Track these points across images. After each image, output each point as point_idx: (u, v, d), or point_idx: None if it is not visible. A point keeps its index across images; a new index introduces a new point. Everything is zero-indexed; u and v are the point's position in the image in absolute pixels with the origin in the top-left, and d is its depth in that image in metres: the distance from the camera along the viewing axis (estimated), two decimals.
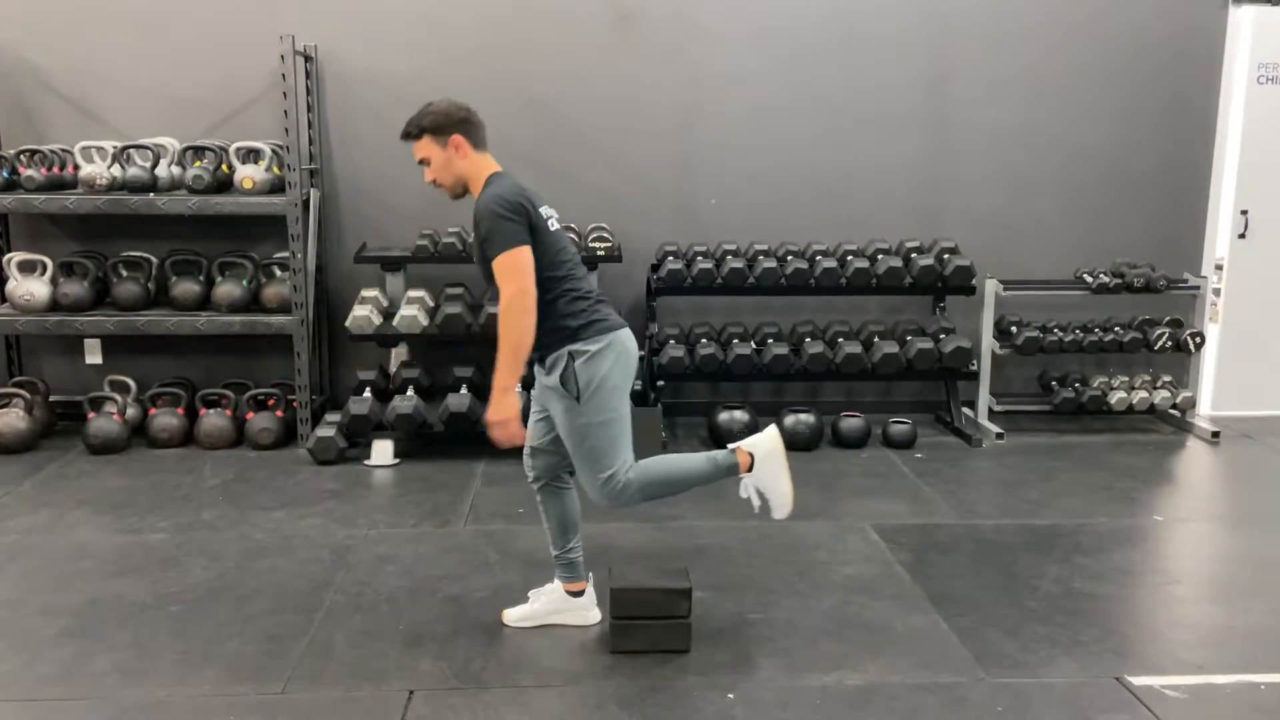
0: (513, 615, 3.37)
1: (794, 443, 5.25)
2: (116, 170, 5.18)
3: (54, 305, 5.27)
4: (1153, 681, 3.03)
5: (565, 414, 3.07)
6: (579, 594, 3.36)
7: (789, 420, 5.32)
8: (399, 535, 4.17)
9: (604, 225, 5.53)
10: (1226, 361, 5.94)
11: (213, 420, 5.30)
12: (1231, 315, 5.91)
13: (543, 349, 3.08)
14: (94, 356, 5.76)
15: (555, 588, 3.37)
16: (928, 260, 5.43)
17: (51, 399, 5.57)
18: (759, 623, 3.40)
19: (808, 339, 5.47)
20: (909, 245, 5.60)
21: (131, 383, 5.49)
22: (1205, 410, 5.92)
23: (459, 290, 5.41)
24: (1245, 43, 5.72)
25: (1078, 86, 5.80)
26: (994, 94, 5.77)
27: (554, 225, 3.08)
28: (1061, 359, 5.84)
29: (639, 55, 5.67)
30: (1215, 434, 5.53)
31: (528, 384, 3.89)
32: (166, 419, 5.32)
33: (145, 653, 3.20)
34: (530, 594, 3.42)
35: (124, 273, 5.39)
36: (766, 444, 3.25)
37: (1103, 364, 5.93)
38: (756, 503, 3.28)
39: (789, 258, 5.47)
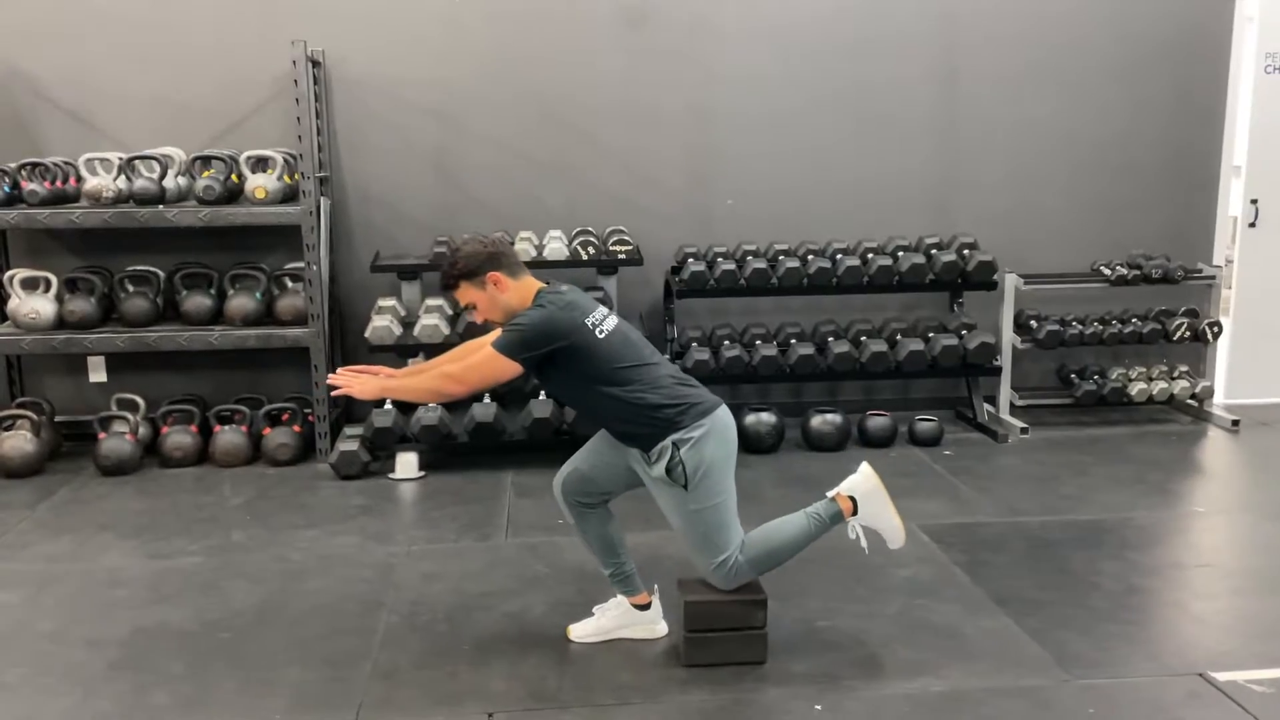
0: (579, 630, 3.30)
1: (822, 444, 5.26)
2: (122, 182, 5.02)
3: (60, 323, 5.10)
4: (1235, 676, 3.01)
5: (674, 502, 3.03)
6: (644, 606, 3.30)
7: (815, 421, 5.28)
8: (441, 551, 4.07)
9: (622, 228, 5.46)
10: (1237, 350, 5.97)
11: (228, 437, 5.17)
12: (1242, 304, 5.95)
13: (644, 440, 3.02)
14: (98, 374, 5.59)
15: (620, 601, 3.30)
16: (950, 256, 5.41)
17: (57, 419, 5.39)
18: (828, 630, 3.35)
19: (831, 338, 5.42)
20: (929, 241, 5.58)
21: (140, 401, 5.34)
22: (1219, 399, 5.95)
23: None
24: (1252, 32, 5.76)
25: (1086, 79, 5.81)
26: (1004, 89, 5.77)
27: (606, 329, 3.02)
28: (1076, 352, 5.84)
29: (652, 56, 5.60)
30: (1235, 422, 5.56)
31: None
32: (180, 437, 5.17)
33: (204, 683, 3.09)
34: (595, 609, 3.34)
35: (130, 288, 5.24)
36: (864, 484, 3.23)
37: (1117, 356, 5.94)
38: (864, 542, 3.25)
39: (810, 257, 5.42)
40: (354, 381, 3.06)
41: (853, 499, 3.21)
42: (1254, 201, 5.91)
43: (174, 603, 3.64)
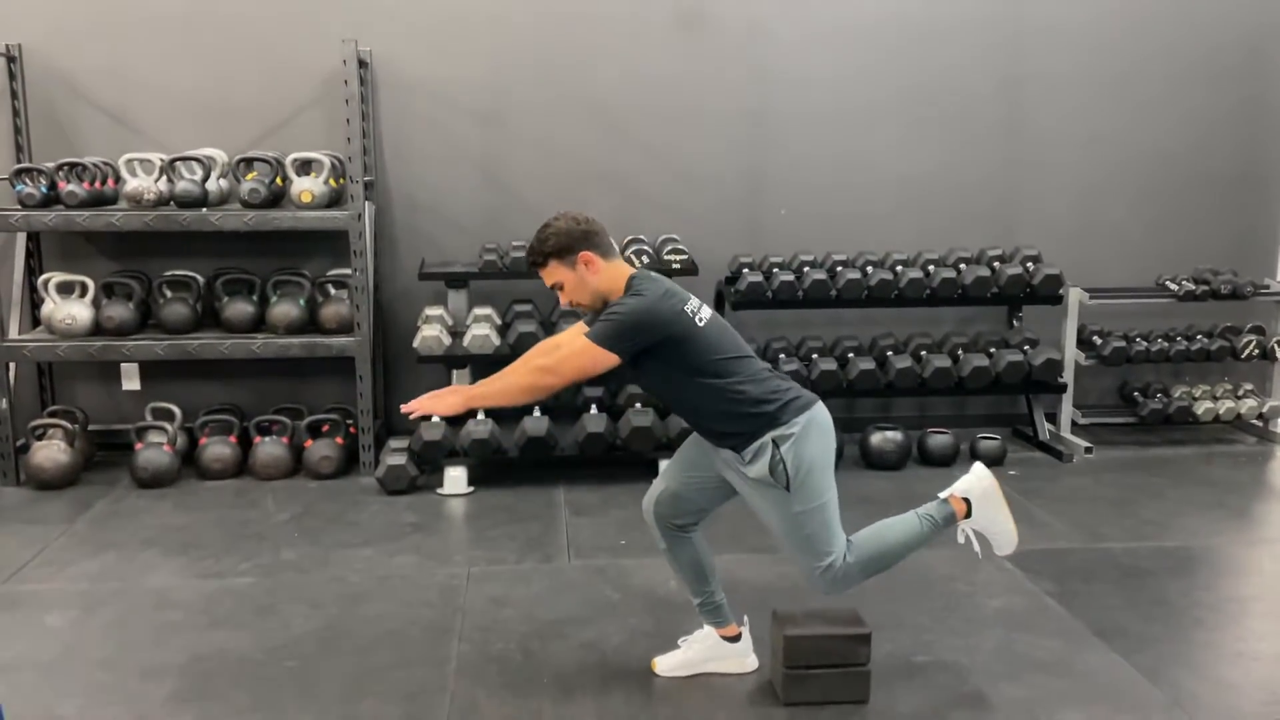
0: (665, 664, 3.12)
1: (882, 462, 5.09)
2: (163, 184, 4.85)
3: (97, 329, 4.92)
4: None
5: (775, 505, 2.83)
6: (734, 639, 3.12)
7: (875, 439, 5.11)
8: (504, 573, 3.89)
9: (675, 236, 5.29)
10: None
11: (268, 449, 4.99)
12: None
13: (738, 439, 2.83)
14: (131, 382, 5.41)
15: (709, 633, 3.12)
16: (1015, 269, 5.25)
17: (89, 429, 5.21)
18: (927, 666, 3.17)
19: (890, 353, 5.25)
20: (991, 254, 5.42)
21: (177, 410, 5.16)
22: None
23: (528, 307, 5.14)
24: None
25: (1150, 88, 5.66)
26: (1066, 98, 5.61)
27: (704, 318, 2.84)
28: (1137, 369, 5.68)
29: (705, 59, 5.43)
30: None
31: None
32: (219, 448, 4.99)
33: (274, 716, 2.91)
34: (681, 641, 3.16)
35: (169, 293, 5.06)
36: (980, 484, 3.07)
37: (1177, 373, 5.78)
38: (977, 546, 3.09)
39: (869, 268, 5.26)
40: (434, 403, 2.86)
41: (967, 500, 3.04)
42: None
43: (230, 627, 3.46)
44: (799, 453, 2.78)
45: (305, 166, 4.95)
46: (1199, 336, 5.49)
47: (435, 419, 4.85)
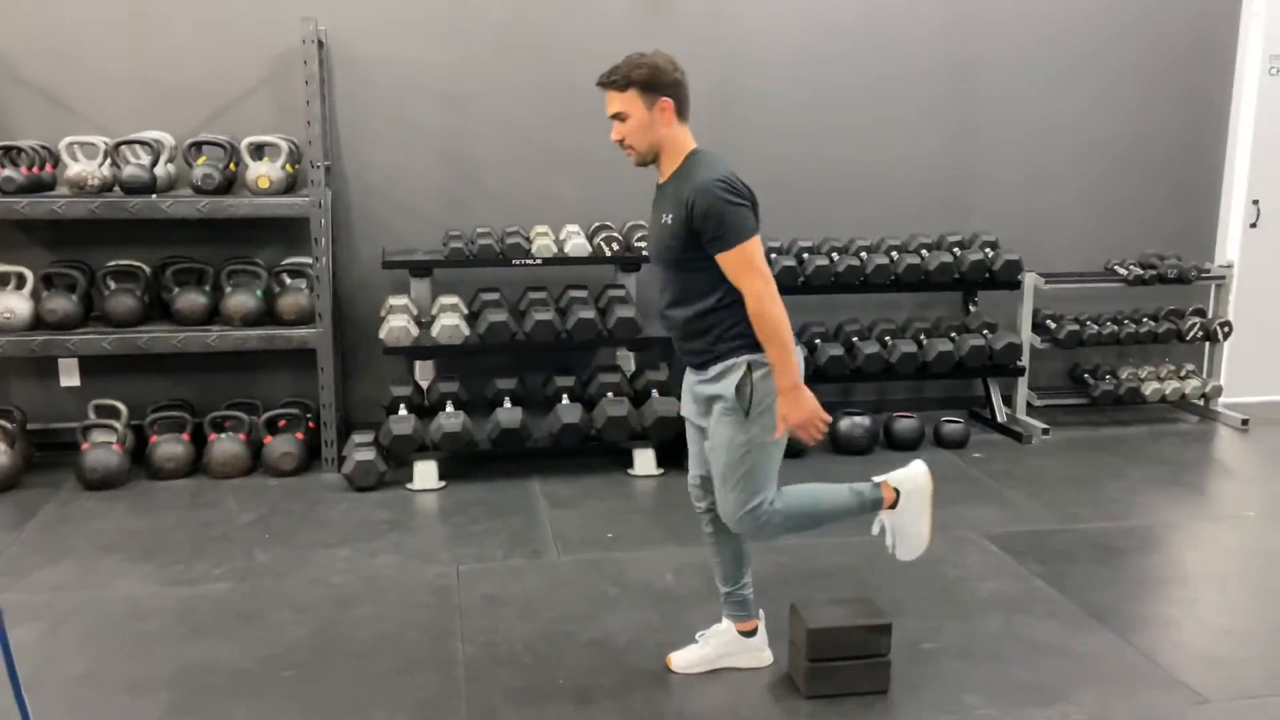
0: (682, 660, 3.08)
1: (851, 447, 5.13)
2: (108, 169, 4.59)
3: (37, 322, 4.65)
4: None
5: (727, 428, 2.76)
6: (751, 633, 3.09)
7: (844, 424, 5.14)
8: (494, 571, 3.79)
9: (644, 224, 5.21)
10: (1237, 349, 6.03)
11: (225, 446, 4.78)
12: (1242, 303, 6.00)
13: (713, 355, 2.78)
14: (70, 378, 5.12)
15: (727, 628, 3.09)
16: (976, 255, 5.33)
17: (27, 428, 4.93)
18: (937, 653, 3.19)
19: (855, 339, 5.29)
20: (951, 239, 5.49)
21: (123, 407, 4.90)
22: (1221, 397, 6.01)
23: (495, 295, 5.02)
24: (1258, 34, 5.80)
25: (1096, 78, 5.78)
26: (1018, 86, 5.69)
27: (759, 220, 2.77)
28: (1085, 351, 5.82)
29: (671, 43, 5.28)
30: (1245, 421, 5.61)
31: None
32: (171, 447, 4.76)
33: None
34: (698, 636, 3.12)
35: (113, 284, 4.80)
36: (915, 480, 3.03)
37: (1122, 355, 5.95)
38: (890, 540, 3.06)
39: (835, 255, 5.28)
40: (814, 429, 2.73)
41: (898, 492, 3.00)
42: (1255, 202, 5.97)
43: (215, 636, 3.30)
44: (769, 386, 2.73)
45: (260, 150, 4.74)
46: (1145, 319, 5.66)
47: (403, 411, 4.71)
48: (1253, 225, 5.99)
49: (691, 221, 2.67)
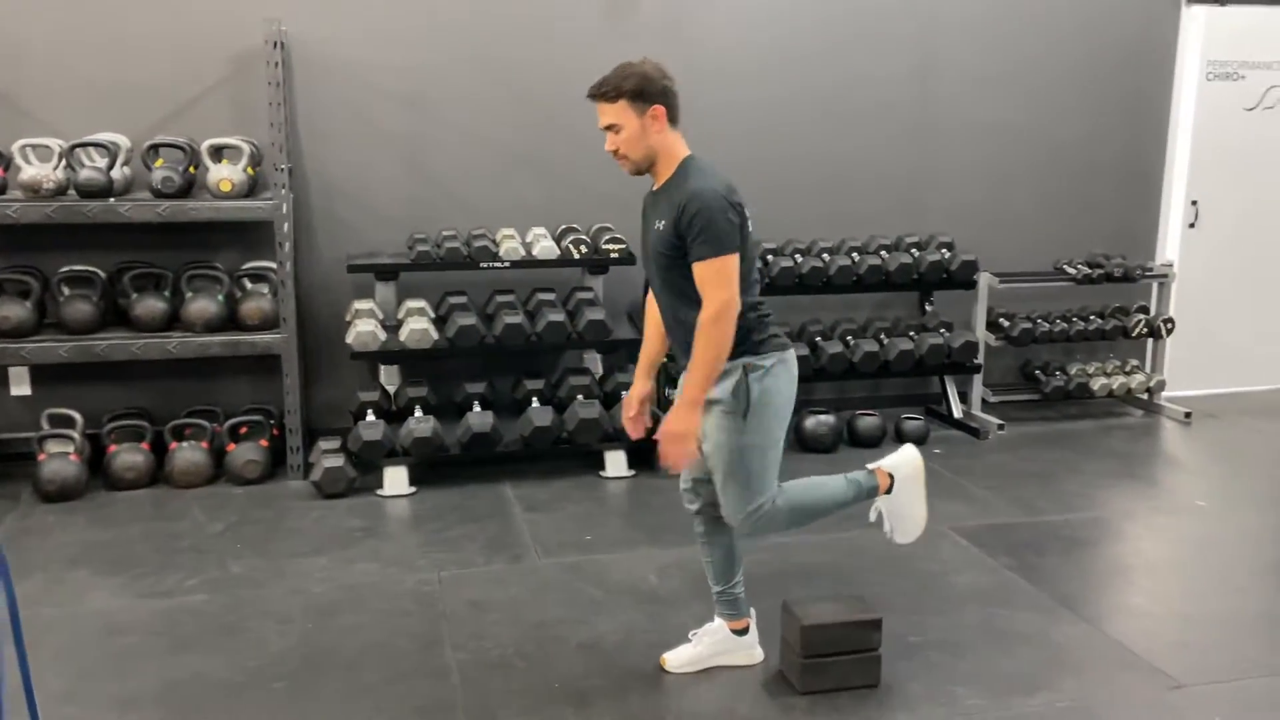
0: (675, 660, 3.11)
1: (817, 445, 5.21)
2: (63, 172, 4.46)
3: None
4: None
5: (726, 431, 2.80)
6: (743, 631, 3.14)
7: (810, 423, 5.22)
8: (476, 576, 3.78)
9: (609, 225, 5.24)
10: (1177, 345, 6.25)
11: (187, 455, 4.69)
12: (1182, 300, 6.22)
13: None
14: (21, 387, 4.97)
15: (719, 626, 3.13)
16: (934, 256, 5.44)
17: None
18: (923, 646, 3.27)
19: (819, 338, 5.37)
20: (908, 240, 5.60)
21: (78, 416, 4.78)
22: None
23: (462, 299, 4.99)
24: (1196, 41, 6.02)
25: (1044, 82, 5.94)
26: (971, 90, 5.82)
27: (751, 227, 2.81)
28: (1035, 348, 5.99)
29: (632, 47, 5.31)
30: (1188, 414, 5.82)
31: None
32: (130, 456, 4.66)
33: None
34: (691, 635, 3.15)
35: (68, 290, 4.68)
36: (908, 465, 3.10)
37: (1069, 351, 6.13)
38: (888, 526, 3.13)
39: (798, 256, 5.35)
40: (678, 452, 2.74)
41: (892, 477, 3.06)
42: (1194, 203, 6.19)
43: (198, 649, 3.25)
44: (765, 386, 2.78)
45: (220, 153, 4.66)
46: (1093, 317, 5.85)
47: (371, 416, 4.67)
48: (1191, 225, 6.22)
49: (680, 226, 2.71)
